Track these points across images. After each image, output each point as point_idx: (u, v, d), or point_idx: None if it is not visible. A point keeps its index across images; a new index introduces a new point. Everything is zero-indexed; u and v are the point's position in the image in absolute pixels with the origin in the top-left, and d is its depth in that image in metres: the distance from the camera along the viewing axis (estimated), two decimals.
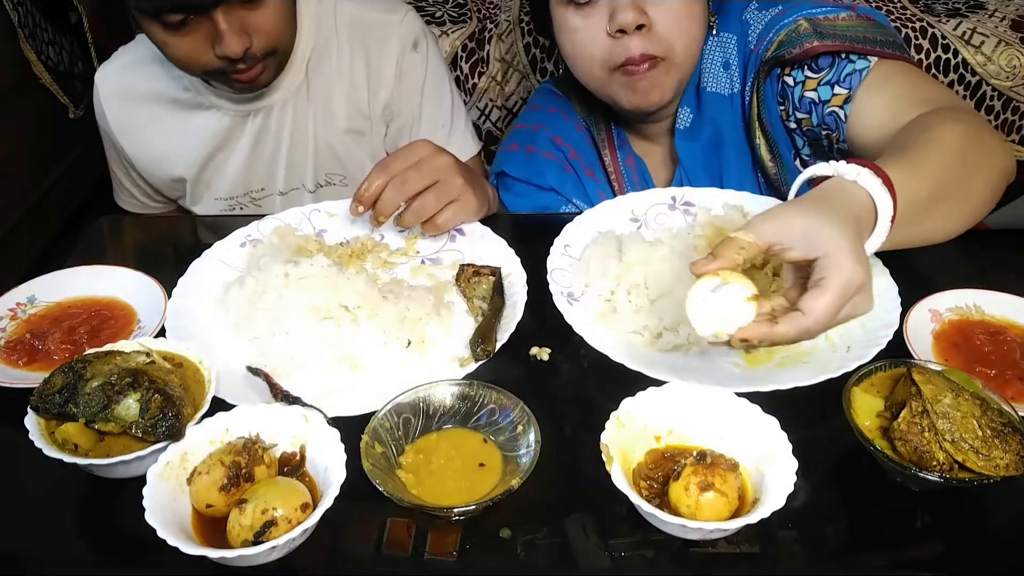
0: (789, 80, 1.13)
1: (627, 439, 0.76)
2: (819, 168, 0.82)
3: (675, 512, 0.70)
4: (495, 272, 1.00)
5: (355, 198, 1.04)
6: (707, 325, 0.75)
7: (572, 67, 1.17)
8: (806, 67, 1.10)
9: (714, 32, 1.18)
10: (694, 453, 0.73)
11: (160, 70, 1.30)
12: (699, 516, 0.70)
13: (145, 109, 1.33)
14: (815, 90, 1.10)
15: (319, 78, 1.31)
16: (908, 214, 0.81)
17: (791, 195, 0.87)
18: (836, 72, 1.08)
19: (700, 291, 0.75)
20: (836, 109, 1.08)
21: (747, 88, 1.17)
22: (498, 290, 0.98)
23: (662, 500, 0.73)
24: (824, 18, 1.10)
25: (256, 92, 1.27)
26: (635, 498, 0.69)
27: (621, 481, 0.70)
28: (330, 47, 1.31)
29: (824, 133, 1.12)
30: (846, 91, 1.06)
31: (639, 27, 1.06)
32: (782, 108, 1.16)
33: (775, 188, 1.20)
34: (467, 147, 1.41)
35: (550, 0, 1.14)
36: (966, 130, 0.91)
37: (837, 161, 0.81)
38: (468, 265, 1.03)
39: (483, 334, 0.91)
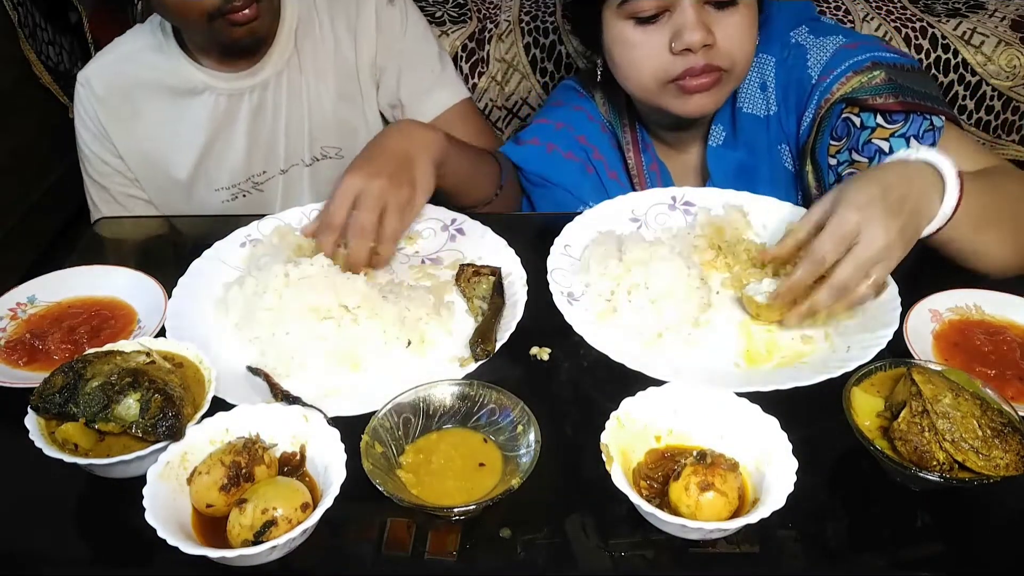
0: (856, 121, 1.11)
1: (627, 439, 0.76)
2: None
3: (675, 512, 0.70)
4: (495, 272, 1.00)
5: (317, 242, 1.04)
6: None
7: (622, 77, 1.16)
8: (879, 115, 1.09)
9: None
10: (694, 453, 0.73)
11: (153, 58, 1.31)
12: (699, 516, 0.70)
13: (140, 101, 1.33)
14: (887, 140, 1.09)
15: (307, 48, 1.33)
16: (968, 207, 0.90)
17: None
18: (913, 126, 1.08)
19: (752, 287, 0.95)
20: None
21: (805, 115, 1.15)
22: (498, 290, 0.98)
23: (662, 500, 0.73)
24: (898, 66, 1.10)
25: (253, 47, 1.27)
26: (635, 498, 0.69)
27: (621, 481, 0.70)
28: (312, 17, 1.33)
29: None
30: (926, 146, 1.05)
31: (704, 45, 1.05)
32: (835, 144, 1.14)
33: None
34: (458, 90, 1.41)
35: (604, 12, 1.12)
36: (1021, 182, 1.03)
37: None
38: (468, 265, 1.03)
39: (483, 334, 0.91)
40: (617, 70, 1.16)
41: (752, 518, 0.68)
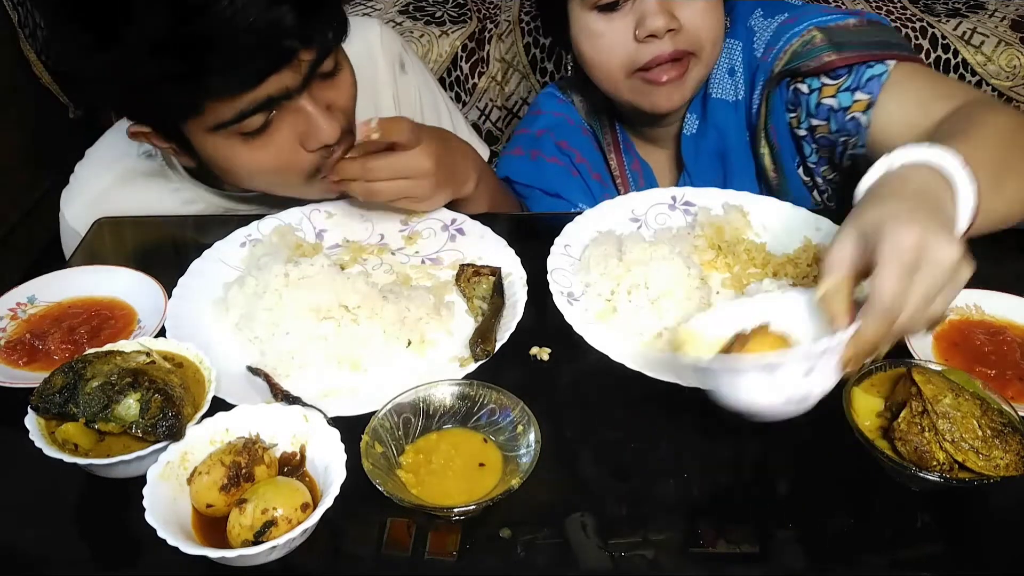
0: (803, 87, 1.12)
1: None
2: (871, 173, 0.79)
3: None
4: (495, 272, 1.00)
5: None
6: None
7: (590, 70, 1.16)
8: (823, 75, 1.09)
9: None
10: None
11: (153, 185, 1.15)
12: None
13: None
14: (834, 96, 1.08)
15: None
16: (981, 178, 0.76)
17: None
18: (855, 78, 1.07)
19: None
20: (857, 115, 1.07)
21: (754, 96, 1.16)
22: (498, 290, 0.98)
23: None
24: (836, 25, 1.09)
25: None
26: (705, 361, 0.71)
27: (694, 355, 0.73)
28: None
29: (842, 139, 1.11)
30: (867, 96, 1.06)
31: (669, 30, 1.05)
32: (793, 116, 1.15)
33: (776, 197, 1.20)
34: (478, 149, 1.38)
35: (569, 5, 1.13)
36: (1006, 117, 0.92)
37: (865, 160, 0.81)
38: (468, 265, 1.03)
39: (483, 334, 0.91)
40: (585, 63, 1.16)
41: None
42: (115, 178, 1.18)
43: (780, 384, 0.68)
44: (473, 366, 0.89)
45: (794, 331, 0.77)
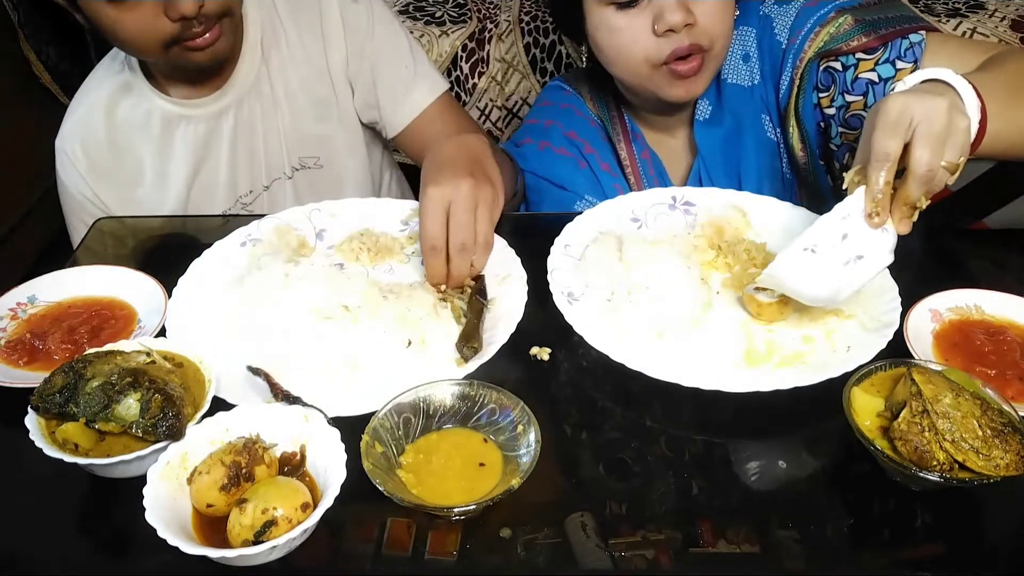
0: (837, 65, 1.13)
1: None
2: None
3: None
4: (477, 278, 1.00)
5: (431, 282, 1.00)
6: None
7: (610, 64, 1.17)
8: (857, 53, 1.12)
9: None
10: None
11: (122, 101, 1.28)
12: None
13: (119, 150, 1.30)
14: (872, 70, 1.11)
15: (275, 59, 1.30)
16: (992, 100, 0.87)
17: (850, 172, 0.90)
18: (893, 50, 1.09)
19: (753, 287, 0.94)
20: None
21: (782, 79, 1.18)
22: (480, 293, 0.98)
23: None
24: (862, 5, 1.12)
25: (216, 67, 1.24)
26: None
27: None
28: (276, 26, 1.30)
29: None
30: (910, 64, 1.08)
31: (686, 25, 1.07)
32: (824, 95, 1.16)
33: (801, 178, 1.22)
34: (436, 83, 1.37)
35: (584, 0, 1.14)
36: None
37: None
38: None
39: (467, 336, 0.91)
40: (604, 57, 1.18)
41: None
42: (96, 100, 1.30)
43: (826, 265, 0.85)
44: (474, 366, 0.88)
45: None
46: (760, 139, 1.22)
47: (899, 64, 1.09)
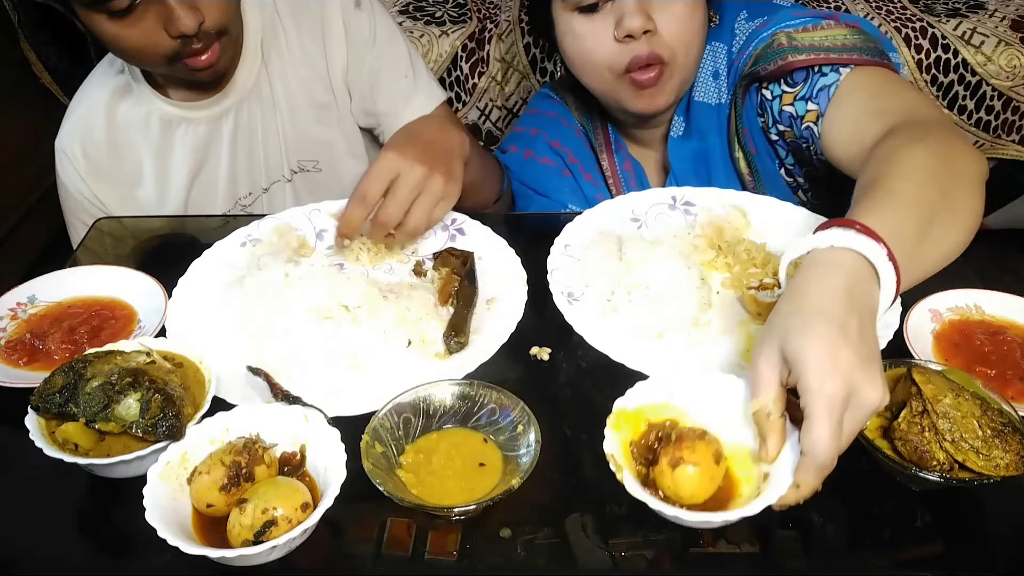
0: (767, 94, 1.12)
1: (626, 437, 0.76)
2: (792, 251, 0.77)
3: (667, 499, 0.69)
4: (466, 257, 1.00)
5: (338, 231, 1.02)
6: None
7: (577, 71, 1.17)
8: (783, 81, 1.10)
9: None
10: (664, 431, 0.72)
11: (122, 103, 1.28)
12: (681, 493, 0.69)
13: (119, 151, 1.30)
14: (792, 104, 1.09)
15: (275, 62, 1.30)
16: (903, 251, 0.73)
17: (781, 275, 0.80)
18: (809, 87, 1.07)
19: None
20: (811, 124, 1.07)
21: (728, 100, 1.17)
22: (470, 279, 0.98)
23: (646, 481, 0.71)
24: (802, 30, 1.08)
25: (217, 80, 1.24)
26: (654, 503, 0.68)
27: (635, 488, 0.69)
28: (277, 29, 1.30)
29: (804, 145, 1.12)
30: (816, 108, 1.06)
31: (645, 31, 1.06)
32: (762, 120, 1.15)
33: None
34: (435, 94, 1.38)
35: (552, 5, 1.14)
36: (928, 149, 0.85)
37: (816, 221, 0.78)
38: (447, 250, 1.04)
39: (456, 327, 0.91)
40: (571, 64, 1.17)
41: (754, 508, 0.67)
42: (95, 100, 1.30)
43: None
44: (473, 366, 0.88)
45: (716, 419, 0.75)
46: (726, 158, 1.21)
47: (809, 105, 1.06)
